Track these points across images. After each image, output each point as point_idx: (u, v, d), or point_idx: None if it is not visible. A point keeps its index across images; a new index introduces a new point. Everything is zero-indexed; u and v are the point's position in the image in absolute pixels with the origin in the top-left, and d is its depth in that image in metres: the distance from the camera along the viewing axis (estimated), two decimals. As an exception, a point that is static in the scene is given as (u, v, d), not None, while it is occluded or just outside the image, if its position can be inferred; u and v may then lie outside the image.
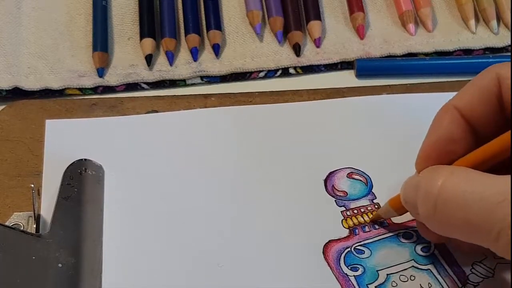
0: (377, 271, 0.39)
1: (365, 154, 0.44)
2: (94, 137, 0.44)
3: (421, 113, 0.42)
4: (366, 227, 0.41)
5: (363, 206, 0.42)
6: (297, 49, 0.50)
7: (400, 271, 0.39)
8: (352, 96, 0.47)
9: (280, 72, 0.49)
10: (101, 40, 0.49)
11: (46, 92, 0.48)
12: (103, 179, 0.42)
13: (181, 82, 0.49)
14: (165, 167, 0.43)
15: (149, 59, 0.49)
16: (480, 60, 0.49)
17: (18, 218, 0.40)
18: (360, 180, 0.43)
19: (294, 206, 0.41)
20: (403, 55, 0.50)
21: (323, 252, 0.39)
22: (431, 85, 0.48)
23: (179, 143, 0.44)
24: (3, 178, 0.43)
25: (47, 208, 0.41)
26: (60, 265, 0.37)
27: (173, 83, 0.49)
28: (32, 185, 0.40)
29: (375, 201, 0.42)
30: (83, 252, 0.38)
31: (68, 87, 0.48)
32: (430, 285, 0.38)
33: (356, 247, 0.40)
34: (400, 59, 0.50)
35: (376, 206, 0.41)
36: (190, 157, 0.43)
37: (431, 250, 0.40)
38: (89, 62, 0.49)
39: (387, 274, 0.39)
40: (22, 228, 0.39)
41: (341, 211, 0.41)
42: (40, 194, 0.41)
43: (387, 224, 0.41)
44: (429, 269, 0.39)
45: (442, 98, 0.36)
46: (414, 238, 0.40)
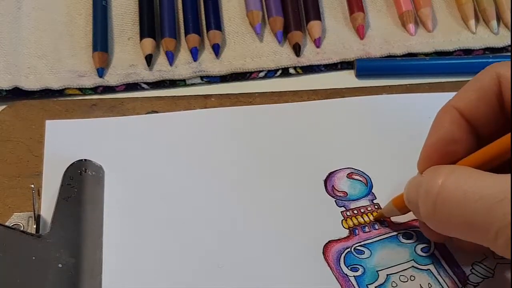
0: (377, 271, 0.39)
1: (365, 154, 0.44)
2: (94, 137, 0.44)
3: (421, 113, 0.42)
4: (366, 227, 0.41)
5: (363, 206, 0.42)
6: (297, 49, 0.50)
7: (400, 272, 0.39)
8: (352, 96, 0.47)
9: (280, 72, 0.49)
10: (101, 40, 0.49)
11: (46, 92, 0.48)
12: (103, 179, 0.42)
13: (181, 82, 0.49)
14: (165, 167, 0.43)
15: (149, 59, 0.49)
16: (480, 60, 0.49)
17: (18, 219, 0.40)
18: (360, 180, 0.43)
19: (294, 206, 0.41)
20: (403, 55, 0.50)
21: (323, 253, 0.39)
22: (431, 85, 0.48)
23: (179, 144, 0.44)
24: (3, 178, 0.43)
25: (47, 209, 0.41)
26: (60, 265, 0.37)
27: (173, 83, 0.49)
28: (32, 186, 0.40)
29: (375, 201, 0.42)
30: (83, 253, 0.38)
31: (68, 87, 0.48)
32: (430, 286, 0.38)
33: (356, 248, 0.40)
34: (400, 59, 0.50)
35: (376, 207, 0.41)
36: (190, 158, 0.43)
37: (431, 251, 0.40)
38: (89, 62, 0.49)
39: (387, 275, 0.39)
40: (22, 229, 0.39)
41: (341, 212, 0.41)
42: (40, 194, 0.41)
43: (387, 225, 0.41)
44: (429, 269, 0.39)
45: (442, 98, 0.36)
46: (414, 239, 0.40)
